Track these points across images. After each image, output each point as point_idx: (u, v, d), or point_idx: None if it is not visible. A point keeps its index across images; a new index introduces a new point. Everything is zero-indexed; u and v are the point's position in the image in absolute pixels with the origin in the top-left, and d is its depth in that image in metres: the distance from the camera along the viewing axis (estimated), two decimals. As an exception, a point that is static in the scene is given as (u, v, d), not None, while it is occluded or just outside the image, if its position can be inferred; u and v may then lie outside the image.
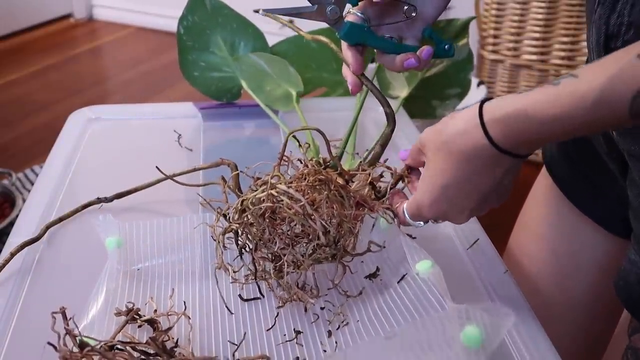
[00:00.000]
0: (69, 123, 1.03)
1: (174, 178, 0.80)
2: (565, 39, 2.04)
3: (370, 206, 0.65)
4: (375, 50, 0.69)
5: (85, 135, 1.00)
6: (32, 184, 1.67)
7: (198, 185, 0.79)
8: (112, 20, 3.63)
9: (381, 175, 0.69)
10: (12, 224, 1.27)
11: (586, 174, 0.79)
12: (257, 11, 0.80)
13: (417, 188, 0.61)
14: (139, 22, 3.55)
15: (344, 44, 0.68)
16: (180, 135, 0.98)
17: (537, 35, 2.05)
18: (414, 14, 0.67)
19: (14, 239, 0.75)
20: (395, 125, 0.71)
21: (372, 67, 1.08)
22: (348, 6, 0.68)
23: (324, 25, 0.71)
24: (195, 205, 0.82)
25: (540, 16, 2.03)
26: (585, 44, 2.01)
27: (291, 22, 0.80)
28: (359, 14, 0.67)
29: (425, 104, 1.11)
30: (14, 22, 3.37)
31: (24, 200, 1.67)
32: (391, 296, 0.64)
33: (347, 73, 0.70)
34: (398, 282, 0.65)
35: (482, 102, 0.55)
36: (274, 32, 1.21)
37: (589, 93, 0.48)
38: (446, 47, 0.70)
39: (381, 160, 0.71)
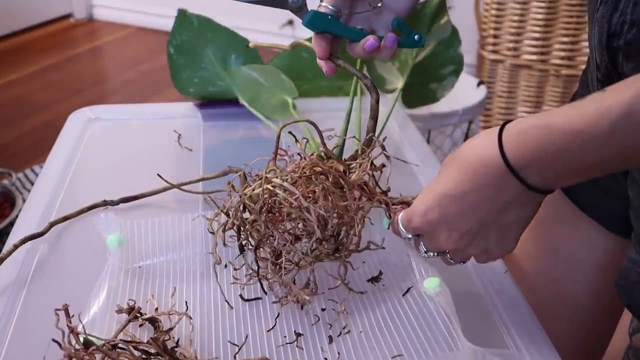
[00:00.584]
0: (69, 123, 1.03)
1: (181, 187, 0.79)
2: (565, 39, 2.04)
3: (370, 193, 0.64)
4: (346, 41, 0.69)
5: (85, 135, 1.00)
6: (32, 184, 1.67)
7: (205, 193, 0.79)
8: (112, 20, 3.63)
9: (383, 165, 0.67)
10: (12, 224, 1.27)
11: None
12: (247, 45, 0.82)
13: (419, 195, 0.59)
14: (139, 22, 3.55)
15: (313, 33, 0.68)
16: (180, 135, 0.98)
17: (537, 35, 2.05)
18: (379, 4, 0.66)
19: (14, 239, 0.75)
20: (379, 95, 0.71)
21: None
22: None
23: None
24: (196, 205, 0.82)
25: (540, 16, 2.03)
26: (585, 43, 2.01)
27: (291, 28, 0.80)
28: (329, 6, 0.66)
29: (424, 89, 1.11)
30: (14, 22, 3.37)
31: (24, 200, 1.67)
32: (395, 309, 0.63)
33: (319, 59, 0.70)
34: (403, 295, 0.64)
35: (507, 122, 0.53)
36: (274, 32, 1.21)
37: (615, 106, 0.46)
38: (416, 37, 0.69)
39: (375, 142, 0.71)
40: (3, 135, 2.44)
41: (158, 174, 0.77)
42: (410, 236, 0.60)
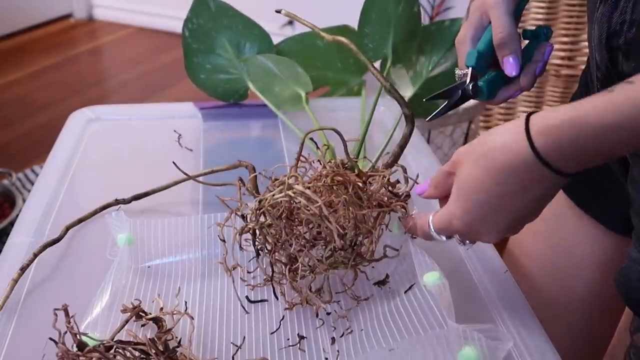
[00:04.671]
0: (69, 123, 1.03)
1: (196, 179, 0.79)
2: (565, 39, 2.04)
3: (388, 206, 0.63)
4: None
5: (85, 135, 1.00)
6: (32, 184, 1.67)
7: (216, 185, 0.79)
8: (112, 20, 3.63)
9: (397, 181, 0.67)
10: (12, 224, 1.27)
11: (586, 172, 0.78)
12: (278, 11, 0.81)
13: (450, 199, 0.58)
14: (139, 22, 3.55)
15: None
16: (180, 135, 0.98)
17: (537, 35, 2.05)
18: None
19: (14, 239, 0.75)
20: (414, 127, 0.71)
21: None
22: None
23: (337, 22, 0.67)
24: (197, 206, 0.82)
25: (540, 16, 2.02)
26: (585, 43, 2.01)
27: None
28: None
29: (430, 102, 1.11)
30: (14, 22, 3.37)
31: (24, 200, 1.68)
32: (397, 307, 0.63)
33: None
34: (405, 292, 0.64)
35: (529, 115, 0.52)
36: (274, 32, 1.21)
37: None
38: (545, 31, 0.68)
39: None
40: (3, 135, 2.44)
41: (173, 162, 0.77)
42: (444, 239, 0.61)
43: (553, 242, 0.85)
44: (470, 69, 0.66)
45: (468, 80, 0.67)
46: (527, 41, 0.68)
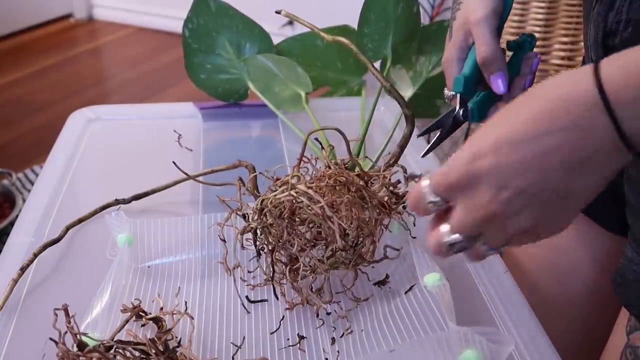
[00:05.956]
0: (69, 123, 1.03)
1: (196, 179, 0.79)
2: (565, 39, 2.04)
3: (389, 209, 0.63)
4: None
5: (85, 135, 1.00)
6: (32, 184, 1.67)
7: (216, 185, 0.79)
8: (112, 20, 3.64)
9: (398, 181, 0.67)
10: (12, 224, 1.27)
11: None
12: (278, 12, 0.81)
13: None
14: (139, 22, 3.56)
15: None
16: (180, 135, 0.98)
17: (537, 35, 2.05)
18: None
19: (14, 239, 0.75)
20: (414, 127, 0.71)
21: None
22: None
23: (338, 22, 0.66)
24: (197, 206, 0.82)
25: (540, 16, 2.03)
26: (585, 43, 2.02)
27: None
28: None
29: (429, 102, 1.11)
30: (14, 22, 3.37)
31: (24, 200, 1.68)
32: (397, 307, 0.64)
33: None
34: (405, 293, 0.65)
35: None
36: (274, 32, 1.21)
37: None
38: (529, 40, 0.67)
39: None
40: (3, 135, 2.44)
41: (173, 162, 0.77)
42: (436, 200, 0.47)
43: (551, 242, 0.85)
44: (458, 95, 0.65)
45: (458, 107, 0.66)
46: (511, 53, 0.67)
